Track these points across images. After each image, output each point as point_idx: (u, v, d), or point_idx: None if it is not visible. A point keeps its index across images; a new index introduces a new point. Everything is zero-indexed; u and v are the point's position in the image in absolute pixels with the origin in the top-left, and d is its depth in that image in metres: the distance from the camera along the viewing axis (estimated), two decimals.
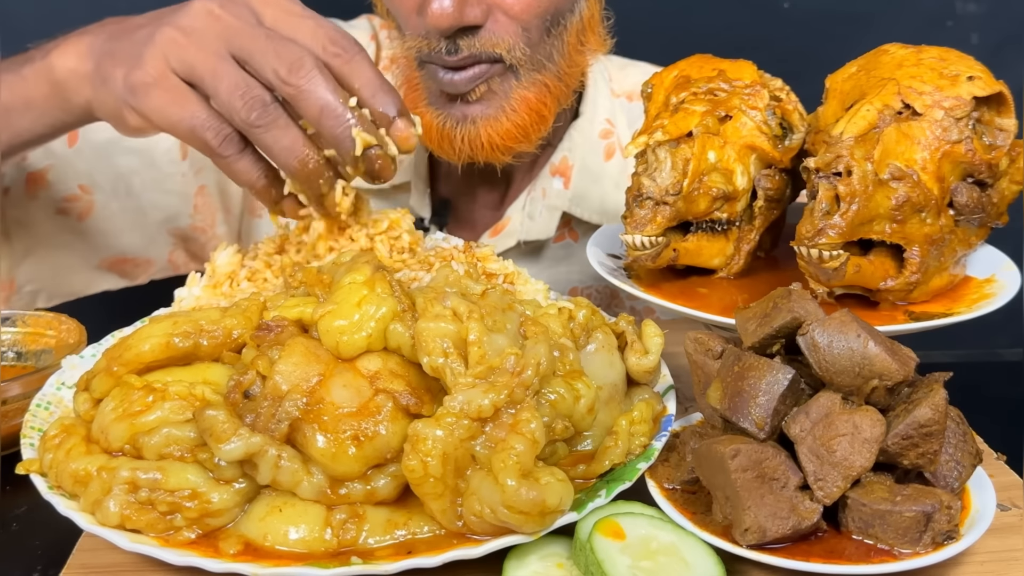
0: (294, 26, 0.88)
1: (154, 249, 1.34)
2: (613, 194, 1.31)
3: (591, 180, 1.31)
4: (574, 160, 1.30)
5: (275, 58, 0.85)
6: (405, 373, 0.75)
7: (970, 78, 0.89)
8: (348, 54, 0.88)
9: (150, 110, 0.87)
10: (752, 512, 0.70)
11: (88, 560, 0.75)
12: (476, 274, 0.96)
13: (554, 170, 1.30)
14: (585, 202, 1.31)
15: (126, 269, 1.35)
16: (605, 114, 1.32)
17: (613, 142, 1.33)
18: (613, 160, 1.32)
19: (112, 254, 1.32)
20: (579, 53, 1.21)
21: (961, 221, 0.91)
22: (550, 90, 1.17)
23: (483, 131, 1.14)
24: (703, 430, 0.81)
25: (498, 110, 1.14)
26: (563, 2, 1.14)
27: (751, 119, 0.94)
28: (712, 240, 0.96)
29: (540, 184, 1.30)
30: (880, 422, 0.72)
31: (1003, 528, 0.78)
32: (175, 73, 0.87)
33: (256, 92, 0.85)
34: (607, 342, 0.83)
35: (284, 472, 0.71)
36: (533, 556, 0.71)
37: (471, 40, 1.09)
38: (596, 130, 1.32)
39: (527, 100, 1.14)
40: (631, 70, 1.38)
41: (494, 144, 1.15)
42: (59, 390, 0.87)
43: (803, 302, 0.76)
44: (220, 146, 0.87)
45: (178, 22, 0.88)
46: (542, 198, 1.30)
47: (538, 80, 1.15)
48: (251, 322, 0.79)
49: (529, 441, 0.68)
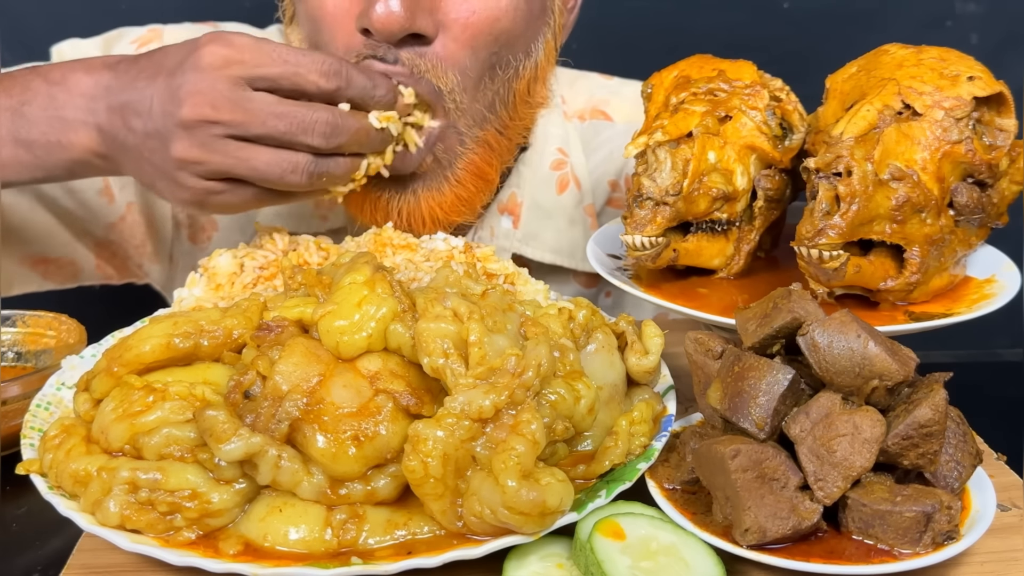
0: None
1: (77, 253, 1.28)
2: (567, 231, 1.23)
3: (543, 216, 1.22)
4: (523, 197, 1.21)
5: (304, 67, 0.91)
6: (405, 373, 0.75)
7: (970, 78, 0.89)
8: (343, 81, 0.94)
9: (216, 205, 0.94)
10: (752, 512, 0.70)
11: (88, 560, 0.75)
12: (476, 274, 0.96)
13: (502, 208, 1.21)
14: (536, 241, 1.22)
15: (49, 270, 1.28)
16: (556, 143, 1.22)
17: (567, 173, 1.23)
18: (567, 192, 1.23)
19: (34, 251, 1.25)
20: (525, 105, 1.13)
21: (961, 221, 0.91)
22: (493, 148, 1.10)
23: (424, 205, 1.07)
24: (703, 430, 0.81)
25: (442, 181, 1.07)
26: (516, 33, 1.06)
27: (751, 119, 0.94)
28: (712, 240, 0.96)
29: (488, 223, 1.21)
30: (880, 422, 0.72)
31: (1003, 528, 0.78)
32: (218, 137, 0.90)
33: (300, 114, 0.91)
34: (607, 342, 0.83)
35: (284, 472, 0.71)
36: (533, 556, 0.71)
37: (414, 57, 1.01)
38: (547, 162, 1.22)
39: (473, 165, 1.08)
40: (581, 84, 1.29)
41: (435, 218, 1.08)
42: (59, 390, 0.87)
43: (803, 302, 0.76)
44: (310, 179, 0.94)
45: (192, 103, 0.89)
46: (490, 239, 1.21)
47: (480, 138, 1.08)
48: (251, 322, 0.79)
49: (530, 442, 0.68)
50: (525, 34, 1.08)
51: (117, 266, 1.32)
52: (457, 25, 1.02)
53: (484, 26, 1.03)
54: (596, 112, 1.28)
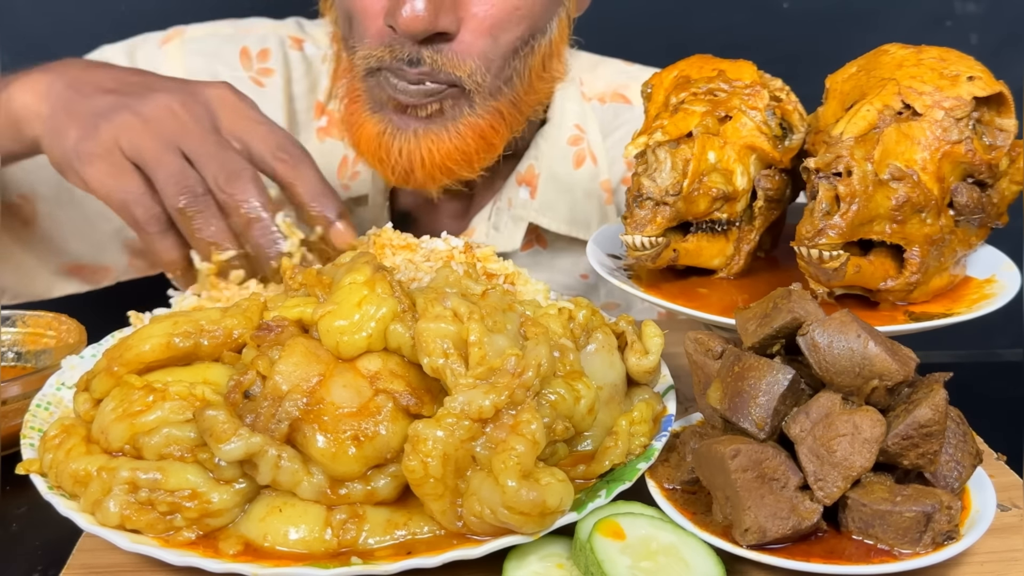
0: (248, 130, 0.96)
1: (109, 257, 1.32)
2: (583, 203, 1.28)
3: (559, 189, 1.27)
4: (540, 169, 1.26)
5: (217, 165, 0.92)
6: (405, 373, 0.75)
7: (970, 78, 0.89)
8: (294, 159, 0.95)
9: (91, 177, 0.93)
10: (752, 512, 0.70)
11: (88, 560, 0.75)
12: (476, 274, 0.96)
13: (520, 179, 1.26)
14: (552, 212, 1.27)
15: (85, 275, 1.33)
16: (574, 119, 1.28)
17: (583, 148, 1.28)
18: (583, 168, 1.28)
19: (69, 260, 1.30)
20: (540, 80, 1.18)
21: (961, 221, 0.91)
22: (503, 117, 1.14)
23: (423, 145, 1.11)
24: (703, 430, 0.81)
25: (442, 129, 1.11)
26: (536, 16, 1.11)
27: (751, 119, 0.94)
28: (712, 240, 0.96)
29: (506, 194, 1.27)
30: (880, 422, 0.72)
31: (1003, 528, 0.78)
32: (123, 152, 0.92)
33: (191, 182, 0.92)
34: (607, 342, 0.83)
35: (284, 472, 0.71)
36: (533, 556, 0.71)
37: (435, 55, 1.07)
38: (564, 136, 1.27)
39: (476, 126, 1.12)
40: (601, 69, 1.34)
41: (433, 162, 1.12)
42: (59, 390, 0.86)
43: (803, 302, 0.76)
44: (146, 222, 0.93)
45: (139, 108, 0.94)
46: (508, 208, 1.27)
47: (492, 107, 1.12)
48: (251, 322, 0.79)
49: (529, 442, 0.68)
50: (542, 16, 1.13)
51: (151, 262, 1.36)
52: (477, 19, 1.07)
53: (504, 16, 1.08)
54: (616, 96, 1.32)
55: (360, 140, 1.14)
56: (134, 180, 0.92)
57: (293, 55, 1.31)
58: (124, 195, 0.92)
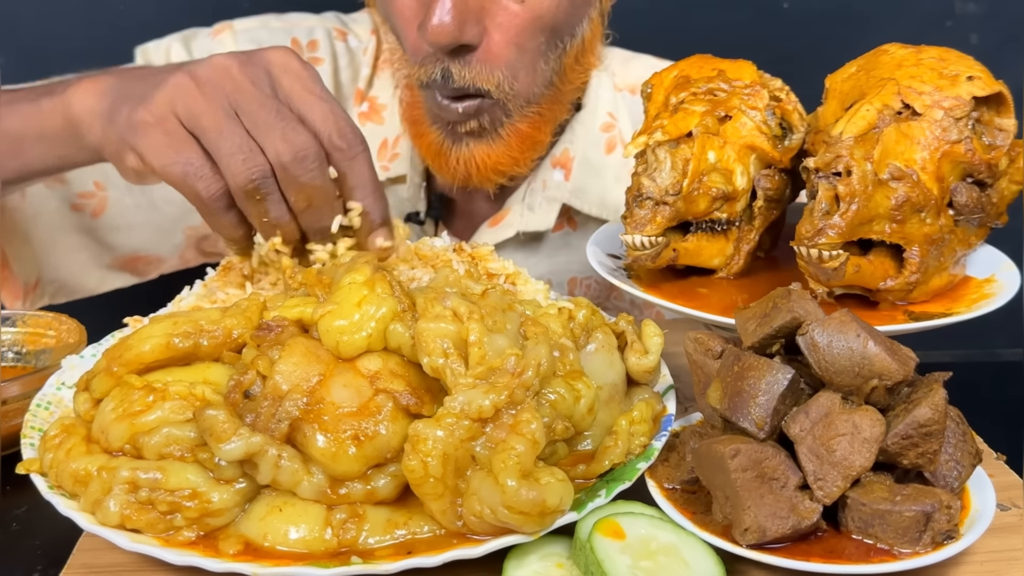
0: (308, 105, 0.89)
1: (166, 246, 1.35)
2: (614, 188, 1.31)
3: (592, 173, 1.31)
4: (575, 152, 1.31)
5: (281, 140, 0.86)
6: (405, 373, 0.75)
7: (970, 78, 0.89)
8: (352, 151, 0.89)
9: (146, 148, 0.87)
10: (752, 512, 0.70)
11: (88, 560, 0.75)
12: (476, 274, 0.96)
13: (555, 162, 1.31)
14: (585, 195, 1.32)
15: (138, 267, 1.36)
16: (607, 107, 1.32)
17: (615, 135, 1.33)
18: (614, 154, 1.32)
19: (124, 253, 1.33)
20: (575, 71, 1.23)
21: (961, 221, 0.91)
22: (543, 116, 1.20)
23: (476, 156, 1.18)
24: (703, 430, 0.81)
25: (488, 141, 1.18)
26: (560, 23, 1.14)
27: (751, 119, 0.94)
28: (712, 240, 0.96)
29: (540, 176, 1.31)
30: (880, 422, 0.72)
31: (1003, 528, 0.78)
32: (178, 118, 0.87)
33: (259, 160, 0.86)
34: (607, 342, 0.83)
35: (284, 472, 0.71)
36: (533, 556, 0.71)
37: (463, 68, 1.10)
38: (598, 123, 1.32)
39: (518, 131, 1.19)
40: (634, 64, 1.38)
41: (487, 166, 1.19)
42: (59, 390, 0.87)
43: (803, 302, 0.76)
44: (210, 198, 0.87)
45: (193, 70, 0.88)
46: (542, 190, 1.31)
47: (530, 113, 1.18)
48: (251, 322, 0.79)
49: (529, 442, 0.68)
50: (569, 20, 1.16)
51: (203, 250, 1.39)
52: (501, 29, 1.10)
53: (527, 25, 1.11)
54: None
55: (422, 146, 1.22)
56: (194, 150, 0.86)
57: (339, 46, 1.36)
58: (185, 167, 0.86)
